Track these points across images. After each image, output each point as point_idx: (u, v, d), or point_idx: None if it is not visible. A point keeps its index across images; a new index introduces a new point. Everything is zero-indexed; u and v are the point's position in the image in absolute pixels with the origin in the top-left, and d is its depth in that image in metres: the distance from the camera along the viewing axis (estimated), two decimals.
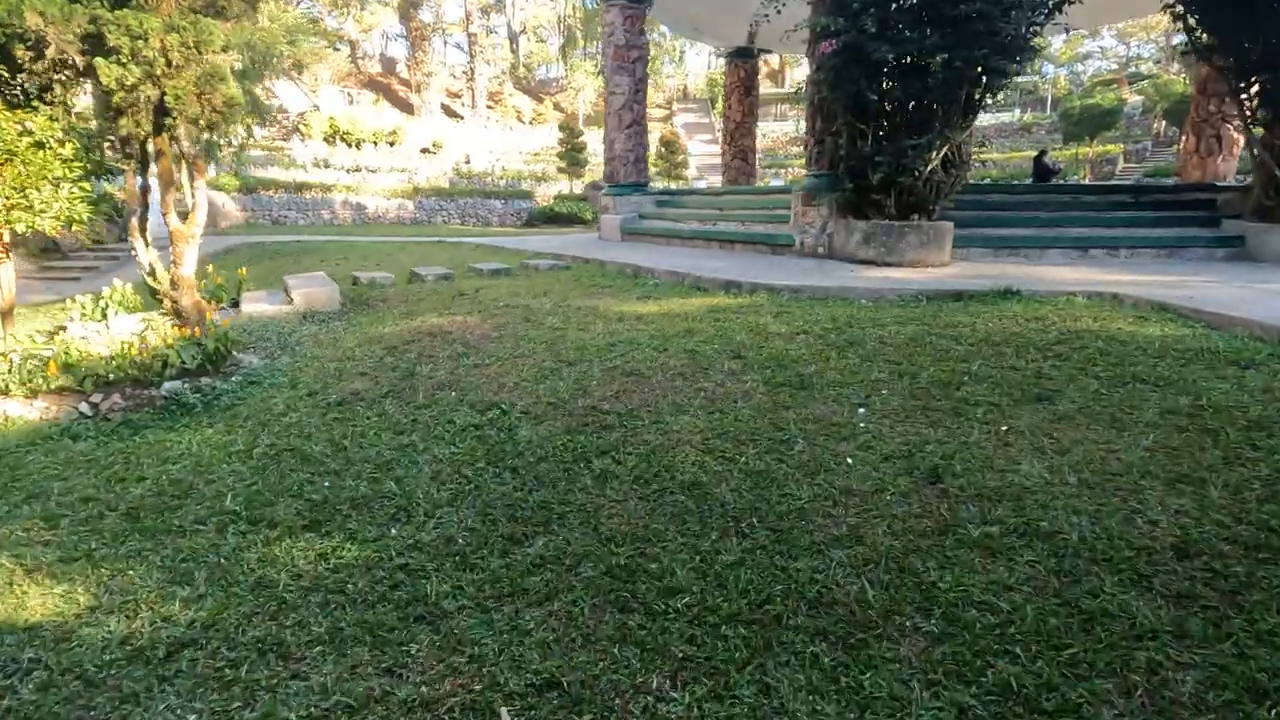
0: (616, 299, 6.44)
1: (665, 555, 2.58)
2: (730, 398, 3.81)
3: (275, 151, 30.75)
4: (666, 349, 4.64)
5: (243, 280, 8.23)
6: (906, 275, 6.43)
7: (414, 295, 7.08)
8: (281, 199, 20.48)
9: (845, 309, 5.45)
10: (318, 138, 34.25)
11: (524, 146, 42.66)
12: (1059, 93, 44.26)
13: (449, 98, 50.72)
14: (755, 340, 4.70)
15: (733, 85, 15.93)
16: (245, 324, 6.50)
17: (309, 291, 6.90)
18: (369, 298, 7.19)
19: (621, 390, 3.99)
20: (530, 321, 5.61)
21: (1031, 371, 3.81)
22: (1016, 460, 2.95)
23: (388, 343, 5.38)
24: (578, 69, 54.27)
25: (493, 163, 35.83)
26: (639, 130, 11.87)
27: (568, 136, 29.78)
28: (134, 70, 4.77)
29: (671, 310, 5.79)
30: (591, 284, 7.38)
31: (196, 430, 4.29)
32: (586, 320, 5.55)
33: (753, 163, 16.33)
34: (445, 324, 5.68)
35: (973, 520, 2.59)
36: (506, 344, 5.06)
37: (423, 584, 2.55)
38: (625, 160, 11.82)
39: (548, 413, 3.83)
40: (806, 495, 2.83)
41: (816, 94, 7.34)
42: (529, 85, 58.73)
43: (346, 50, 49.78)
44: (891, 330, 4.70)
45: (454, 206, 26.32)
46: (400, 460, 3.54)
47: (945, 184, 6.82)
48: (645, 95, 11.99)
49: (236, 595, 2.56)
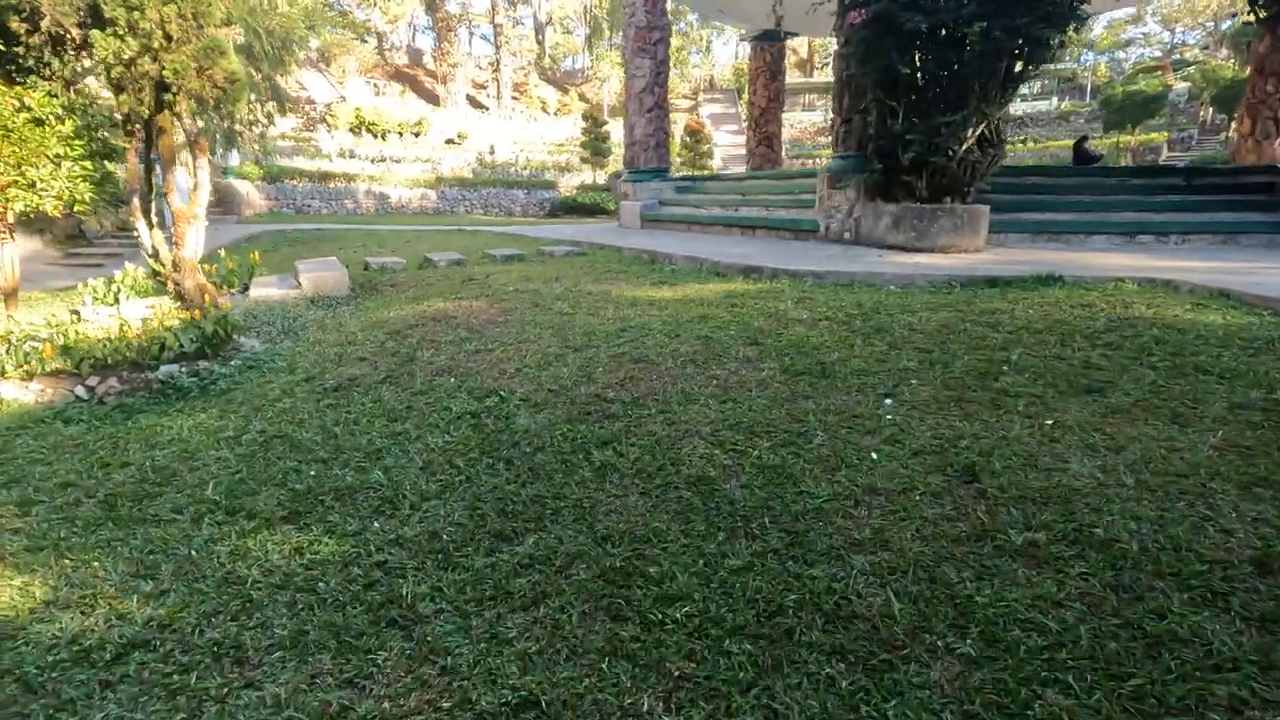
0: (630, 284, 6.17)
1: (666, 558, 2.32)
2: (744, 386, 3.52)
3: (302, 142, 31.01)
4: (679, 335, 4.37)
5: (255, 265, 8.14)
6: (938, 261, 6.06)
7: (424, 280, 6.90)
8: (305, 188, 20.55)
9: (872, 295, 5.12)
10: (344, 128, 34.47)
11: (548, 137, 42.50)
12: (1099, 80, 42.78)
13: (474, 89, 50.75)
14: (774, 326, 4.41)
15: (758, 70, 15.51)
16: (251, 308, 6.37)
17: (318, 276, 6.75)
18: (378, 283, 7.02)
19: (628, 377, 3.73)
20: (538, 306, 5.37)
21: (1079, 361, 3.46)
22: (1064, 458, 2.63)
23: (391, 327, 5.18)
24: (603, 59, 53.92)
25: (516, 153, 35.72)
26: (660, 114, 11.55)
27: (591, 126, 29.51)
28: (131, 43, 4.62)
29: (687, 296, 5.51)
30: (606, 269, 7.12)
31: (189, 415, 4.14)
32: (597, 305, 5.30)
33: (778, 150, 15.91)
34: (451, 309, 5.47)
35: (1015, 525, 2.28)
36: (512, 329, 4.83)
37: (400, 584, 2.32)
38: (646, 145, 11.52)
39: (549, 400, 3.59)
40: (825, 494, 2.55)
41: (844, 70, 6.97)
42: (554, 76, 58.55)
43: (374, 42, 50.07)
44: (922, 317, 4.37)
45: (477, 196, 26.23)
46: (391, 449, 3.33)
47: (981, 164, 6.41)
48: (667, 78, 11.66)
49: (201, 592, 2.37)
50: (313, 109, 38.82)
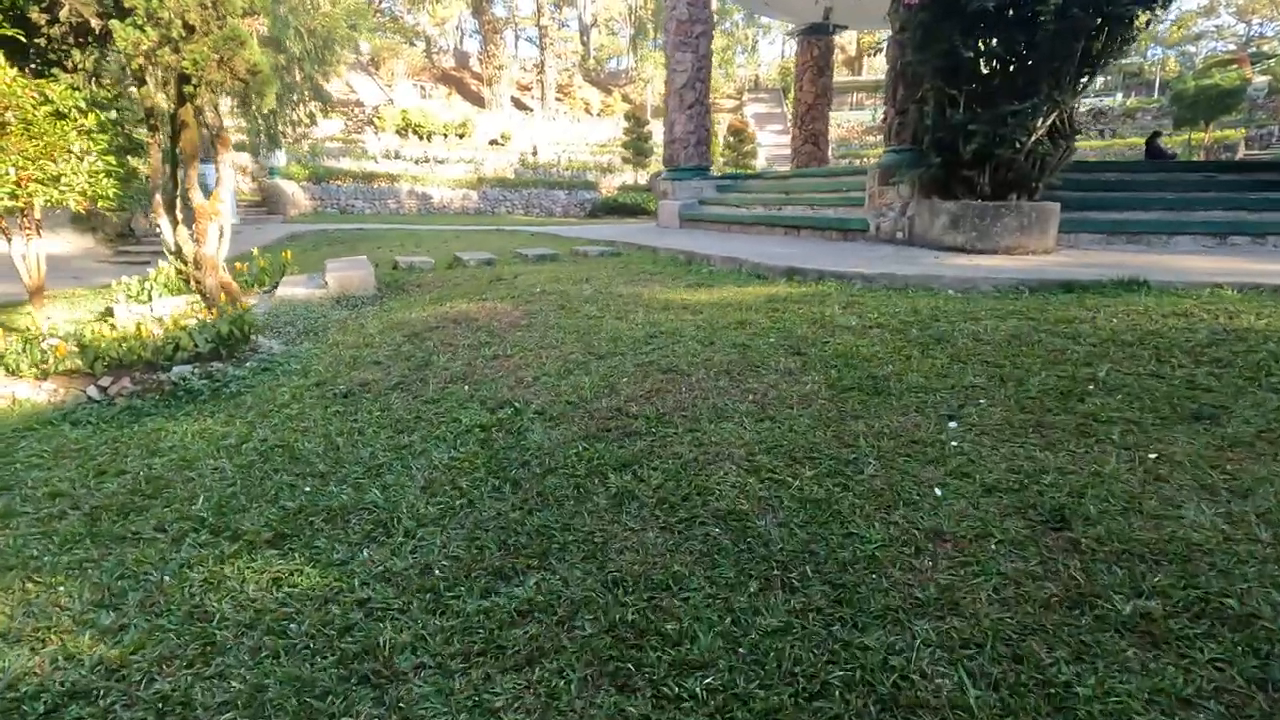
0: (664, 286, 5.81)
1: (686, 611, 1.95)
2: (785, 402, 3.13)
3: (350, 143, 31.60)
4: (713, 343, 3.99)
5: (287, 264, 8.06)
6: (1002, 263, 5.53)
7: (451, 280, 6.67)
8: (349, 188, 20.80)
9: (929, 300, 4.64)
10: (391, 130, 35.02)
11: (591, 138, 42.46)
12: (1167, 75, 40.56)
13: (519, 91, 51.14)
14: (819, 334, 3.99)
15: (805, 65, 14.96)
16: (276, 307, 6.24)
17: (344, 276, 6.58)
18: (406, 282, 6.83)
19: (655, 390, 3.37)
20: (565, 309, 5.06)
21: (1181, 381, 2.96)
22: (1175, 502, 2.17)
23: (410, 329, 4.94)
24: (647, 60, 53.68)
25: (559, 154, 35.73)
26: (701, 111, 11.16)
27: (633, 126, 29.25)
28: (150, 33, 4.48)
29: (723, 299, 5.12)
30: (640, 270, 6.78)
31: (196, 419, 3.95)
32: (626, 309, 4.95)
33: (825, 148, 15.33)
34: (473, 310, 5.21)
35: (1119, 589, 1.84)
36: (534, 333, 4.52)
37: (380, 629, 2.02)
38: (686, 143, 11.14)
39: (566, 414, 3.25)
40: (879, 538, 2.14)
41: (899, 58, 6.47)
42: (598, 77, 58.64)
43: (422, 46, 50.93)
44: (988, 325, 3.89)
45: (518, 197, 26.24)
46: (393, 464, 3.04)
47: (1051, 158, 5.84)
48: (708, 74, 11.26)
49: (162, 629, 2.10)
50: (361, 111, 39.63)
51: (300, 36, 11.17)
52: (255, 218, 16.81)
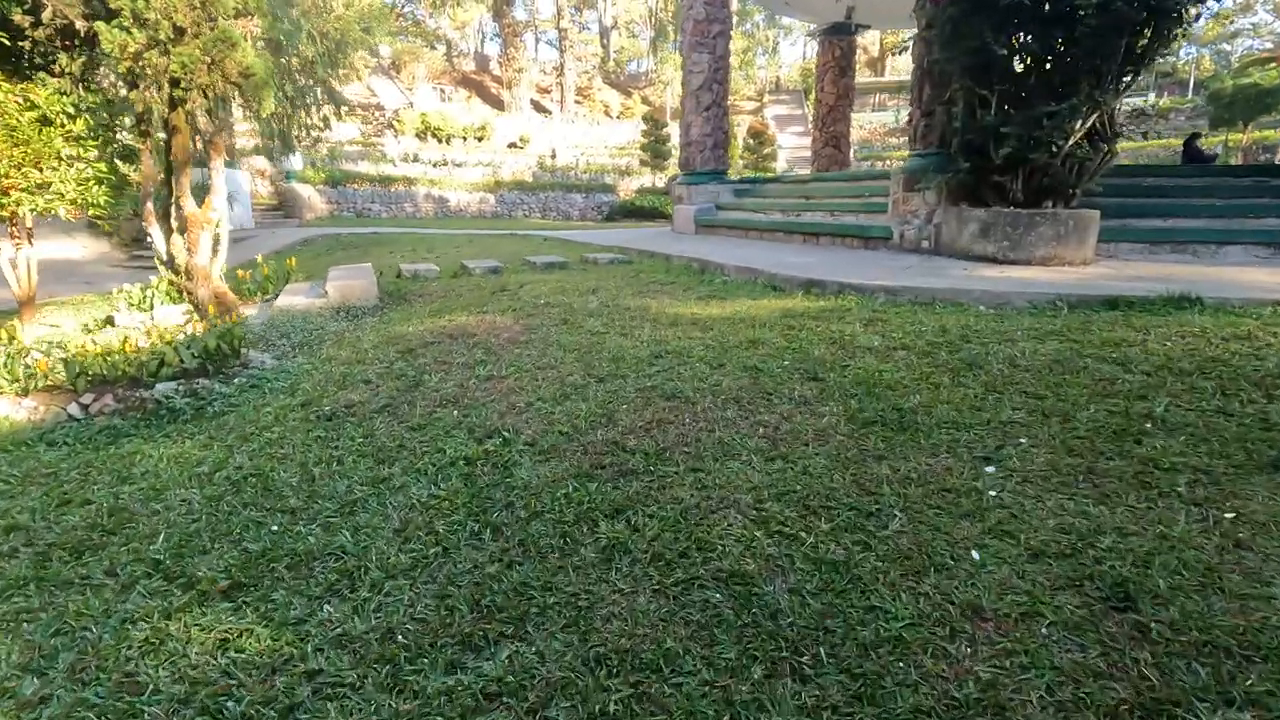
0: (673, 299, 5.52)
1: (678, 700, 1.66)
2: (799, 438, 2.82)
3: (370, 146, 31.73)
4: (723, 364, 3.70)
5: (291, 271, 7.90)
6: (1037, 275, 5.16)
7: (453, 290, 6.44)
8: (366, 192, 20.78)
9: (958, 317, 4.30)
10: (410, 134, 35.14)
11: (610, 140, 42.31)
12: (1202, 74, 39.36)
13: (539, 93, 51.18)
14: (838, 356, 3.67)
15: (826, 66, 14.58)
16: (275, 318, 6.04)
17: (345, 285, 6.38)
18: (408, 292, 6.61)
19: (656, 420, 3.09)
20: (567, 324, 4.79)
21: (1253, 419, 2.61)
22: (1263, 577, 1.83)
23: (405, 344, 4.70)
24: (667, 62, 53.44)
25: (577, 156, 35.59)
26: (719, 113, 10.85)
27: (651, 128, 29.00)
28: (137, 35, 4.30)
29: (736, 314, 4.82)
30: (650, 280, 6.49)
31: (175, 441, 3.75)
32: (632, 324, 4.67)
33: (846, 151, 14.93)
34: (473, 324, 4.96)
35: (1203, 694, 1.52)
36: (533, 350, 4.26)
37: (326, 711, 1.75)
38: (702, 146, 10.83)
39: (558, 446, 2.98)
40: (907, 614, 1.83)
41: (925, 56, 6.12)
42: (618, 80, 58.54)
43: (443, 49, 51.19)
44: (1025, 348, 3.55)
45: (535, 200, 26.10)
46: (369, 500, 2.79)
47: (1090, 162, 5.46)
48: (726, 75, 10.95)
49: (85, 703, 1.85)
50: (381, 115, 39.85)
51: (312, 39, 11.09)
52: (271, 222, 16.81)
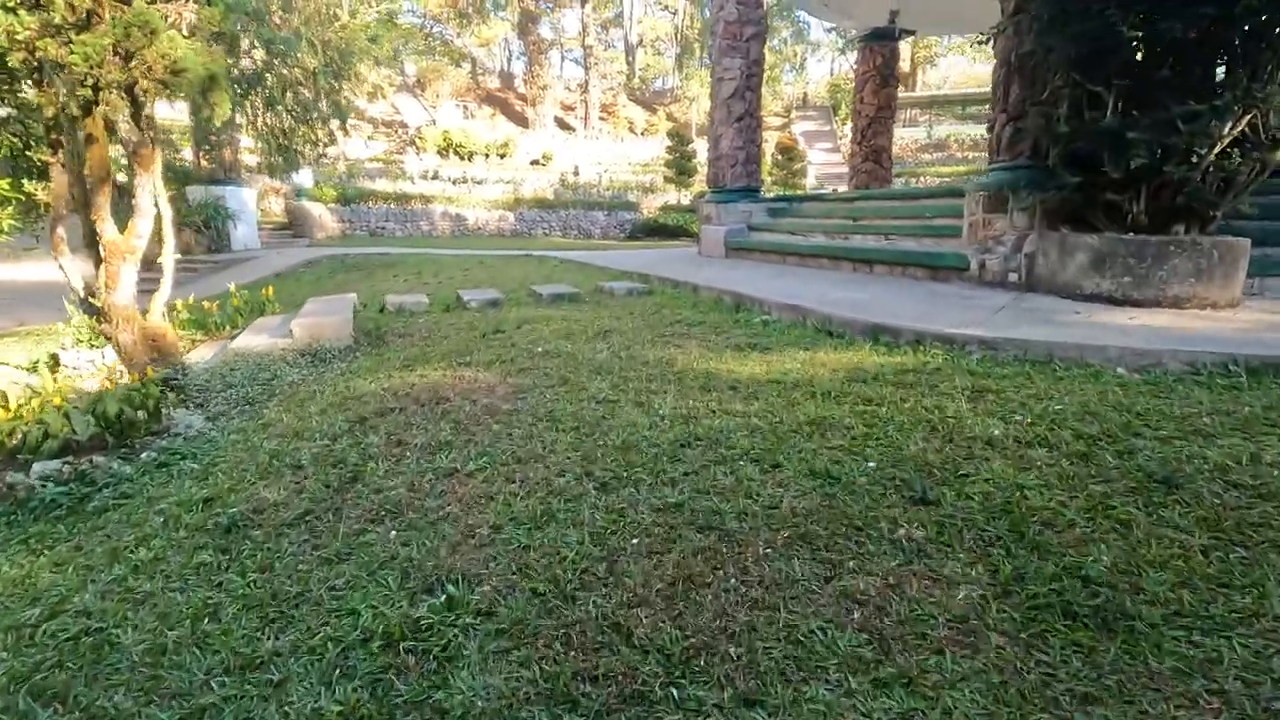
0: (704, 347, 4.41)
1: None
2: (925, 636, 1.68)
3: (391, 163, 31.33)
4: (778, 464, 2.57)
5: (266, 302, 6.95)
6: (1177, 322, 3.96)
7: (439, 330, 5.41)
8: (381, 210, 20.08)
9: (1097, 388, 3.12)
10: (432, 150, 34.75)
11: (634, 157, 41.65)
12: None
13: (563, 110, 50.87)
14: (948, 456, 2.52)
15: (866, 74, 13.47)
16: (227, 362, 5.06)
17: (315, 323, 5.40)
18: (388, 330, 5.60)
19: (683, 576, 1.97)
20: (567, 384, 3.71)
21: None
22: None
23: (359, 409, 3.65)
24: (693, 78, 52.82)
25: (600, 173, 34.87)
26: (751, 124, 9.79)
27: (676, 144, 28.10)
28: (25, 19, 3.36)
29: (787, 374, 3.69)
30: (675, 319, 5.40)
31: (29, 554, 2.77)
32: (651, 387, 3.57)
33: (888, 166, 13.76)
34: (448, 381, 3.90)
35: None
36: (516, 428, 3.17)
37: None
38: (733, 160, 9.76)
39: (527, 620, 1.87)
40: None
41: (1015, 47, 4.99)
42: (643, 96, 58.11)
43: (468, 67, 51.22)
44: (1236, 450, 2.37)
45: (555, 218, 25.29)
46: (223, 712, 1.72)
47: (1240, 176, 4.27)
48: (760, 82, 9.90)
49: None
50: (405, 132, 39.65)
51: (313, 48, 10.33)
52: (279, 241, 16.11)
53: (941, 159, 37.23)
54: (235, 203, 14.06)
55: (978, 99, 46.45)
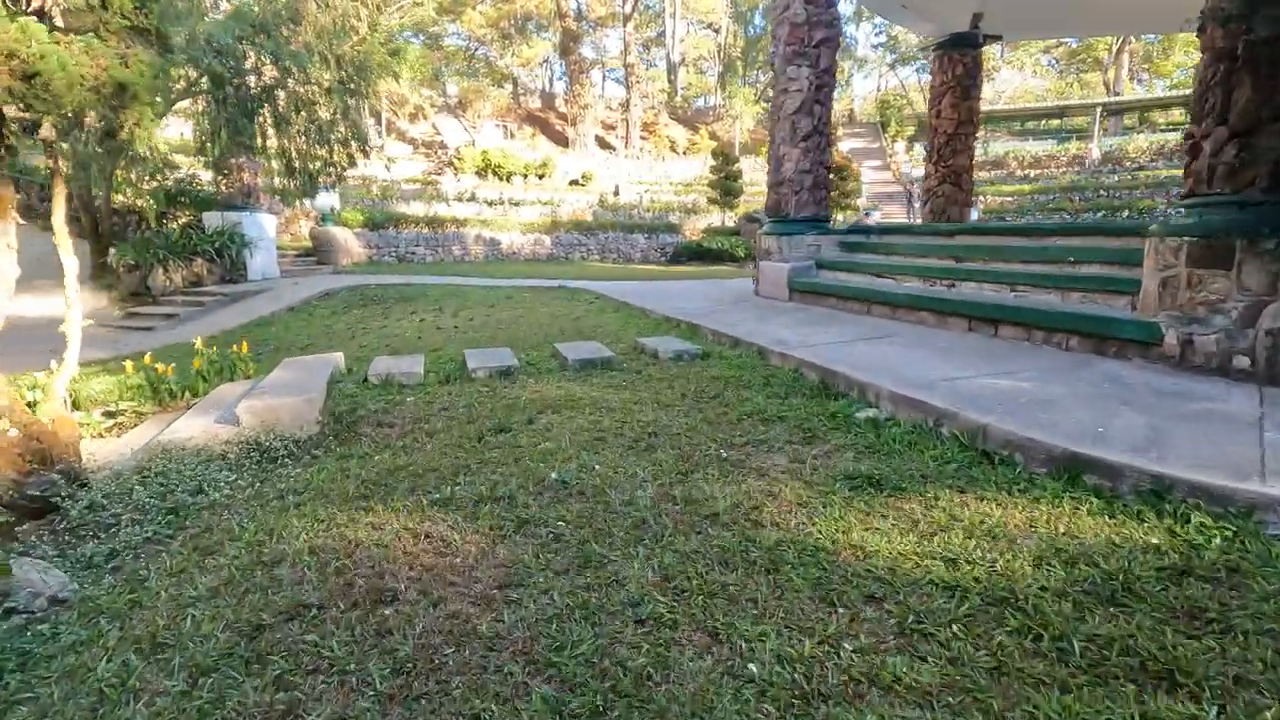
0: (801, 482, 2.92)
1: None
2: None
3: (429, 184, 30.76)
4: None
5: (238, 361, 5.73)
6: None
7: (427, 420, 4.04)
8: (411, 235, 19.16)
9: None
10: (470, 171, 34.17)
11: (676, 176, 40.56)
12: None
13: (603, 130, 50.20)
14: None
15: (944, 86, 11.89)
16: (145, 465, 3.79)
17: (270, 406, 4.11)
18: (363, 416, 4.26)
19: None
20: (590, 567, 2.27)
21: None
22: None
23: (265, 601, 2.28)
24: (736, 96, 51.69)
25: (641, 194, 33.77)
26: (819, 144, 8.33)
27: (721, 164, 26.74)
28: None
29: (955, 556, 2.20)
30: (745, 409, 3.93)
31: None
32: (731, 587, 2.11)
33: (968, 189, 12.11)
34: (408, 550, 2.50)
35: None
36: (493, 680, 1.75)
37: None
38: (798, 186, 8.30)
39: None
40: None
41: (1239, 34, 3.46)
42: (685, 115, 57.20)
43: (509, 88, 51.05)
44: None
45: (594, 242, 24.13)
46: None
47: None
48: (831, 94, 8.44)
49: None
50: (444, 153, 39.30)
51: (326, 63, 9.32)
52: (302, 269, 15.21)
53: (1000, 177, 35.08)
54: (253, 229, 13.16)
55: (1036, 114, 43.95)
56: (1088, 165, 34.73)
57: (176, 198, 13.31)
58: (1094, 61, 54.43)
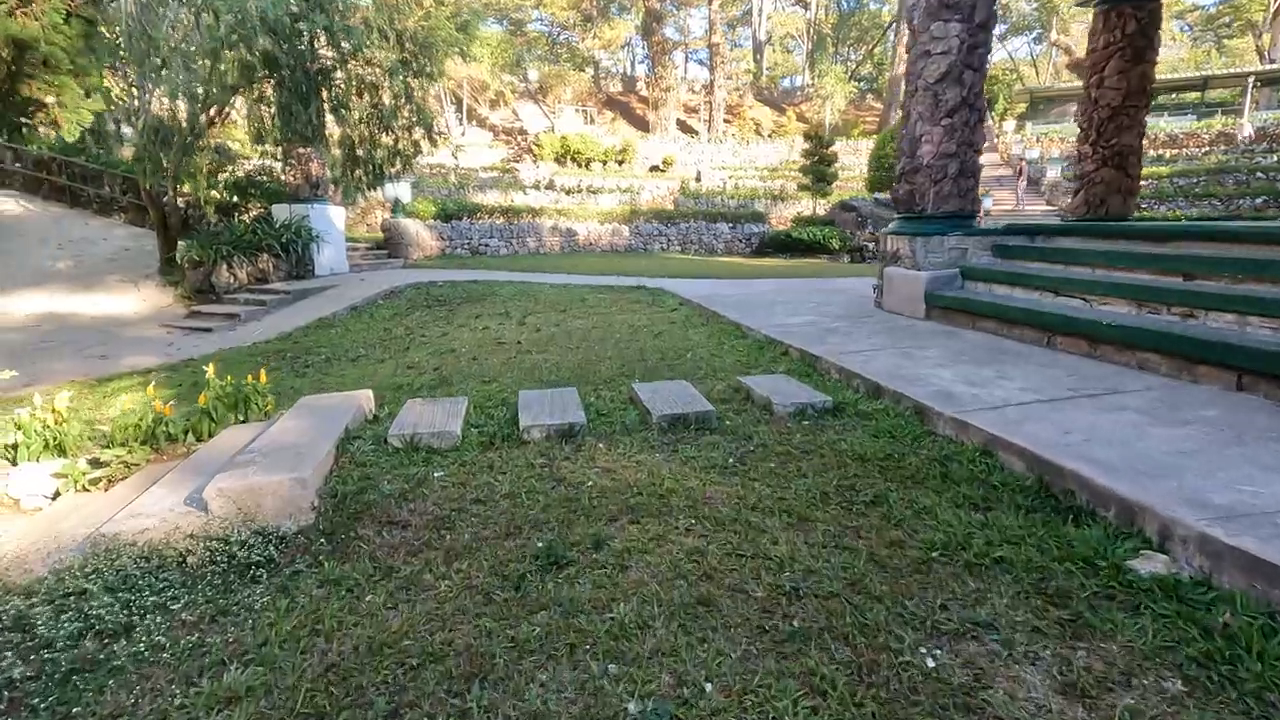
0: None
1: None
2: None
3: (506, 171, 30.16)
4: None
5: (253, 394, 4.73)
6: None
7: (445, 532, 2.80)
8: (484, 226, 18.35)
9: None
10: (549, 158, 33.39)
11: (761, 161, 38.47)
12: None
13: (685, 113, 48.53)
14: None
15: (1109, 48, 9.71)
16: (60, 577, 2.76)
17: (250, 488, 3.03)
18: (371, 503, 3.09)
19: None
20: None
21: None
22: None
23: None
24: (828, 75, 48.71)
25: (724, 180, 32.02)
26: (969, 120, 6.61)
27: (814, 147, 24.63)
28: None
29: None
30: (926, 534, 2.50)
31: None
32: None
33: (1135, 174, 9.92)
34: None
35: None
36: None
37: None
38: (938, 172, 6.63)
39: None
40: None
41: None
42: (771, 96, 54.60)
43: (590, 72, 50.09)
44: None
45: (674, 231, 22.71)
46: None
47: None
48: (988, 57, 6.70)
49: None
50: (523, 139, 38.75)
51: (385, 39, 8.33)
52: (372, 263, 14.60)
53: None
54: (320, 222, 12.54)
55: (1173, 86, 38.88)
56: (1238, 143, 30.25)
57: (247, 190, 12.84)
58: (1243, 25, 48.00)
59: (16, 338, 9.20)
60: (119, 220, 14.24)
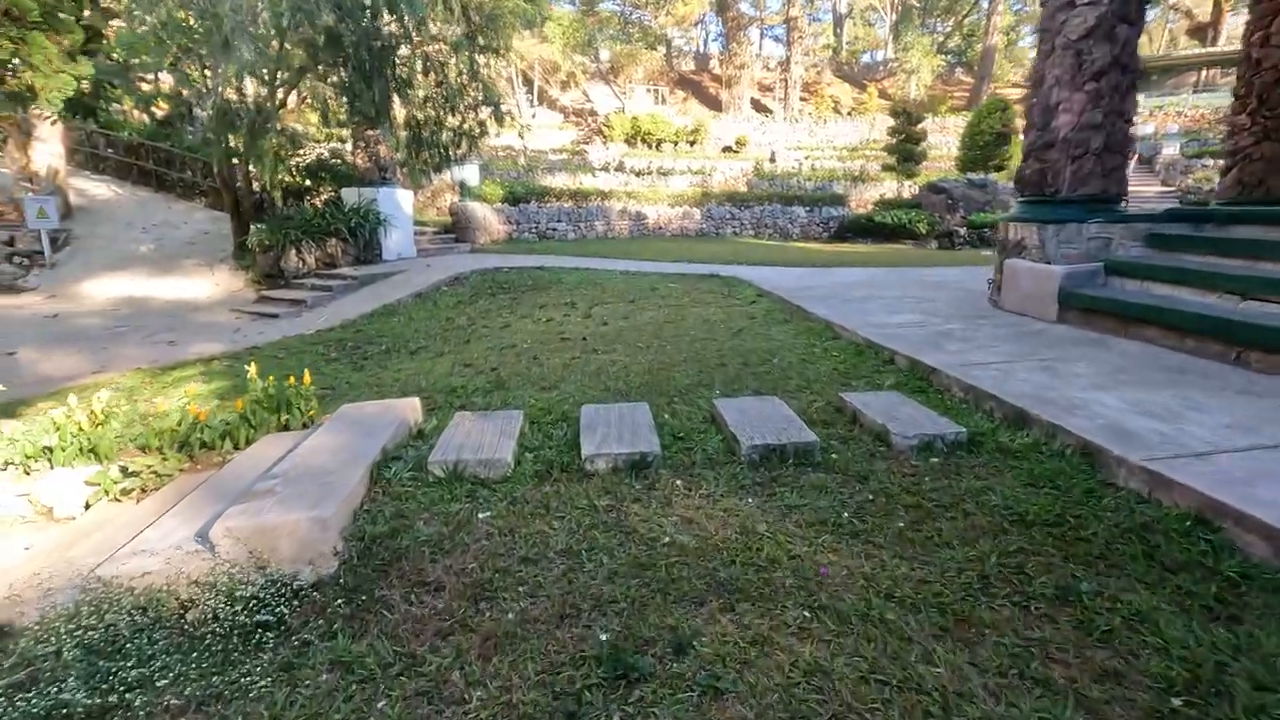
0: None
1: None
2: None
3: (577, 153, 29.70)
4: None
5: (294, 397, 4.33)
6: None
7: (485, 602, 2.21)
8: (552, 209, 17.91)
9: None
10: (619, 139, 32.74)
11: (839, 141, 36.63)
12: None
13: (760, 92, 46.85)
14: None
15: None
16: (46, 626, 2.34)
17: (264, 529, 2.55)
18: (400, 554, 2.55)
19: None
20: None
21: None
22: None
23: None
24: (914, 48, 45.90)
25: (800, 160, 30.52)
26: (1119, 84, 5.53)
27: (901, 124, 23.02)
28: None
29: None
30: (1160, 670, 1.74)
31: None
32: None
33: None
34: None
35: None
36: None
37: None
38: (1079, 147, 5.59)
39: None
40: None
41: None
42: (850, 72, 52.06)
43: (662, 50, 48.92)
44: None
45: (748, 215, 21.71)
46: None
47: None
48: (1144, 9, 5.59)
49: None
50: (594, 120, 38.20)
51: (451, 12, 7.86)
52: (439, 247, 14.38)
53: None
54: (388, 205, 12.34)
55: None
56: None
57: (318, 173, 12.78)
58: None
59: (93, 322, 9.33)
60: (199, 204, 14.54)
